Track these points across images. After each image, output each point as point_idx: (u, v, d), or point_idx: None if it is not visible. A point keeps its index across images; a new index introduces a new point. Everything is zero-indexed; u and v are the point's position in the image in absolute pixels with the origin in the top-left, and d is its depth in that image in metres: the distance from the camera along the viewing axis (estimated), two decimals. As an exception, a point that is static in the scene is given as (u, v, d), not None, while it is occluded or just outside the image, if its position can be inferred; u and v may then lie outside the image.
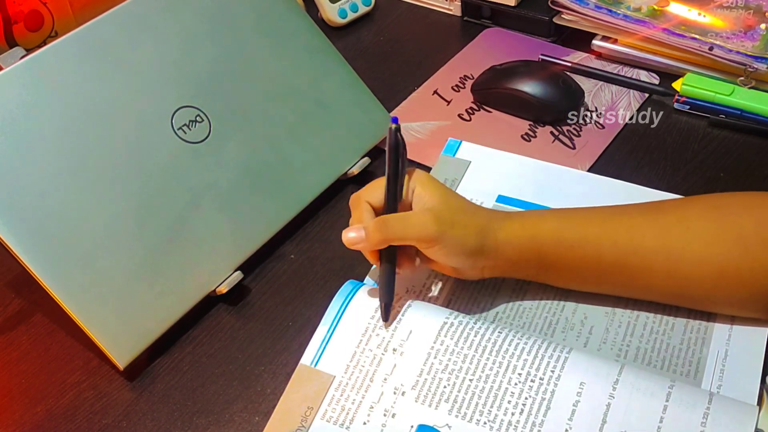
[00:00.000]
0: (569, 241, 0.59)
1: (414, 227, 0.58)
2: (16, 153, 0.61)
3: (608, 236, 0.59)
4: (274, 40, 0.75)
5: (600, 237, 0.59)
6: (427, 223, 0.57)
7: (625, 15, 0.84)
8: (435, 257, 0.59)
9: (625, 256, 0.58)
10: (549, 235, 0.59)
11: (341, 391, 0.57)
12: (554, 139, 0.80)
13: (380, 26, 0.98)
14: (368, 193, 0.61)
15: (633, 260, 0.58)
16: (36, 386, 0.63)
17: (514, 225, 0.60)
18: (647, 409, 0.53)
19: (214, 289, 0.66)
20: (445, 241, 0.57)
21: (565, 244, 0.59)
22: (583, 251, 0.59)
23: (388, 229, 0.58)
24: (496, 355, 0.56)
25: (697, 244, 0.57)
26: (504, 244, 0.59)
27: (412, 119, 0.83)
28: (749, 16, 0.82)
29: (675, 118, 0.81)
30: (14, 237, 0.59)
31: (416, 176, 0.61)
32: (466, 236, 0.58)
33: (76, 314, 0.60)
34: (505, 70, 0.84)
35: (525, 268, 0.61)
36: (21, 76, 0.63)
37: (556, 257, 0.60)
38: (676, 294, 0.60)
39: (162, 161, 0.66)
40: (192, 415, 0.60)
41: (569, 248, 0.59)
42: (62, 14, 0.83)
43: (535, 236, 0.59)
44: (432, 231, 0.57)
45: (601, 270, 0.60)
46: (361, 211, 0.60)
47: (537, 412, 0.54)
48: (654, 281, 0.59)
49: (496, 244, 0.59)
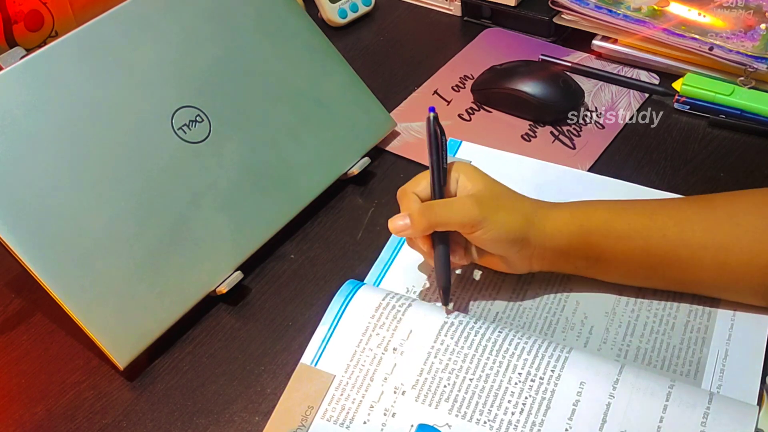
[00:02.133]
0: (618, 232, 0.59)
1: (458, 211, 0.58)
2: (16, 153, 0.61)
3: (658, 228, 0.59)
4: (274, 40, 0.75)
5: (649, 229, 0.59)
6: (470, 207, 0.58)
7: (625, 15, 0.84)
8: (480, 243, 0.60)
9: (674, 249, 0.59)
10: (598, 225, 0.60)
11: (341, 391, 0.57)
12: (554, 139, 0.80)
13: (380, 26, 0.98)
14: (414, 184, 0.62)
15: (682, 253, 0.58)
16: (36, 386, 0.63)
17: (563, 213, 0.60)
18: (647, 409, 0.53)
19: (214, 289, 0.66)
20: (488, 225, 0.58)
21: (614, 235, 0.59)
22: (632, 243, 0.59)
23: (432, 214, 0.59)
24: (496, 354, 0.56)
25: (747, 239, 0.57)
26: (552, 231, 0.60)
27: (412, 119, 0.83)
28: (749, 16, 0.82)
29: (675, 118, 0.81)
30: (14, 237, 0.59)
31: (459, 166, 0.62)
32: (510, 221, 0.59)
33: (76, 314, 0.60)
34: (505, 70, 0.83)
35: (574, 258, 0.61)
36: (21, 76, 0.63)
37: (604, 248, 0.60)
38: (724, 288, 0.60)
39: (162, 161, 0.66)
40: (192, 415, 0.60)
41: (618, 239, 0.59)
42: (62, 14, 0.83)
43: (584, 225, 0.60)
44: (475, 214, 0.58)
45: (649, 263, 0.60)
46: (408, 201, 0.61)
47: (537, 411, 0.54)
48: (703, 275, 0.59)
49: (544, 231, 0.60)
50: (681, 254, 0.59)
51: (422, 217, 0.59)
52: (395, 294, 0.62)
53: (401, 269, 0.67)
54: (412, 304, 0.60)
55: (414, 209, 0.59)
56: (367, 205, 0.75)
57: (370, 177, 0.78)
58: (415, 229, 0.59)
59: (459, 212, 0.58)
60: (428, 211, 0.59)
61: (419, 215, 0.59)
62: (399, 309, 0.60)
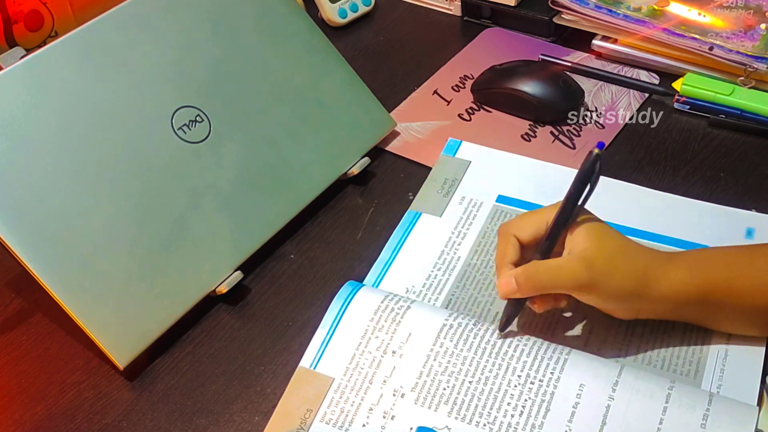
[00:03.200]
0: (740, 291, 0.56)
1: (567, 277, 0.55)
2: (16, 153, 0.61)
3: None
4: (274, 40, 0.75)
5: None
6: (581, 271, 0.54)
7: (625, 15, 0.84)
8: (586, 302, 0.57)
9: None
10: (718, 284, 0.56)
11: (340, 393, 0.57)
12: (554, 139, 0.79)
13: (380, 26, 0.98)
14: (519, 227, 0.58)
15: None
16: (36, 386, 0.63)
17: (681, 272, 0.56)
18: (647, 411, 0.53)
19: (214, 289, 0.66)
20: (598, 290, 0.55)
21: (735, 294, 0.56)
22: (755, 302, 0.56)
23: (538, 279, 0.56)
24: (495, 357, 0.56)
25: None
26: (668, 293, 0.56)
27: (412, 119, 0.83)
28: (749, 16, 0.82)
29: (675, 118, 0.81)
30: (14, 237, 0.59)
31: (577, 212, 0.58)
32: (623, 285, 0.55)
33: (76, 314, 0.60)
34: (505, 70, 0.83)
35: (686, 313, 0.58)
36: (21, 76, 0.63)
37: (723, 305, 0.57)
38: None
39: (162, 161, 0.66)
40: (192, 415, 0.60)
41: (739, 297, 0.56)
42: (62, 14, 0.83)
43: (703, 286, 0.56)
44: (585, 281, 0.54)
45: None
46: (506, 245, 0.58)
47: (537, 413, 0.54)
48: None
49: (660, 292, 0.56)
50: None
51: (528, 282, 0.56)
52: (394, 296, 0.62)
53: (401, 269, 0.67)
54: (411, 306, 0.60)
55: (519, 272, 0.56)
56: (367, 205, 0.75)
57: (370, 177, 0.78)
58: (521, 293, 0.56)
59: (569, 278, 0.55)
60: (535, 276, 0.56)
61: (526, 280, 0.56)
62: (398, 311, 0.60)
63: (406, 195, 0.74)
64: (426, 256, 0.68)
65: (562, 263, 0.56)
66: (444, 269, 0.67)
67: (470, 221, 0.70)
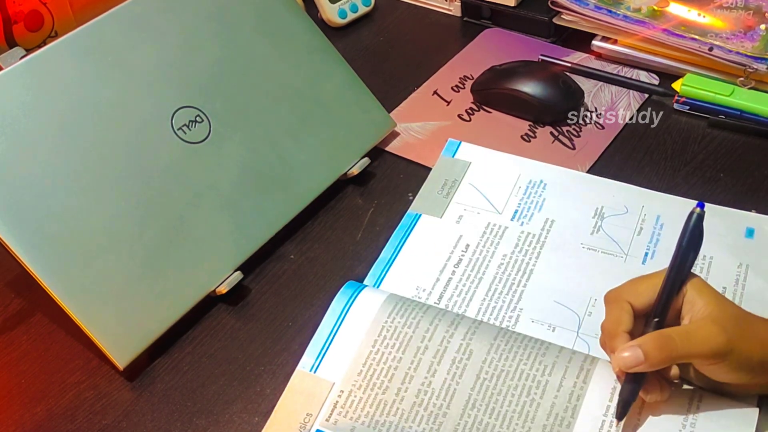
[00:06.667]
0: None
1: (703, 342, 0.49)
2: (16, 153, 0.61)
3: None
4: (274, 40, 0.75)
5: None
6: (717, 336, 0.49)
7: (624, 15, 0.84)
8: (715, 375, 0.51)
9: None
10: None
11: (343, 399, 0.57)
12: (554, 140, 0.80)
13: (380, 26, 0.98)
14: (633, 293, 0.53)
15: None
16: (36, 386, 0.63)
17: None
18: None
19: (214, 289, 0.66)
20: (734, 356, 0.49)
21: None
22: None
23: (674, 348, 0.50)
24: (512, 378, 0.56)
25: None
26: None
27: (412, 119, 0.83)
28: (749, 17, 0.82)
29: (675, 118, 0.81)
30: (14, 237, 0.59)
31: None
32: (753, 350, 0.50)
33: (76, 314, 0.60)
34: (505, 70, 0.84)
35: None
36: (21, 76, 0.63)
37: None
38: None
39: (162, 161, 0.66)
40: (192, 416, 0.60)
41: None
42: (62, 14, 0.83)
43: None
44: (722, 345, 0.49)
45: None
46: (620, 312, 0.52)
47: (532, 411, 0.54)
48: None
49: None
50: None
51: (659, 351, 0.50)
52: (398, 299, 0.61)
53: (401, 270, 0.67)
54: (414, 313, 0.59)
55: (646, 340, 0.50)
56: (366, 206, 0.75)
57: (370, 177, 0.78)
58: (650, 364, 0.50)
59: (705, 343, 0.49)
60: (668, 344, 0.50)
61: (655, 348, 0.50)
62: (403, 317, 0.59)
63: (406, 195, 0.74)
64: (433, 256, 0.67)
65: (694, 328, 0.51)
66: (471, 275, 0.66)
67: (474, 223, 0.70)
